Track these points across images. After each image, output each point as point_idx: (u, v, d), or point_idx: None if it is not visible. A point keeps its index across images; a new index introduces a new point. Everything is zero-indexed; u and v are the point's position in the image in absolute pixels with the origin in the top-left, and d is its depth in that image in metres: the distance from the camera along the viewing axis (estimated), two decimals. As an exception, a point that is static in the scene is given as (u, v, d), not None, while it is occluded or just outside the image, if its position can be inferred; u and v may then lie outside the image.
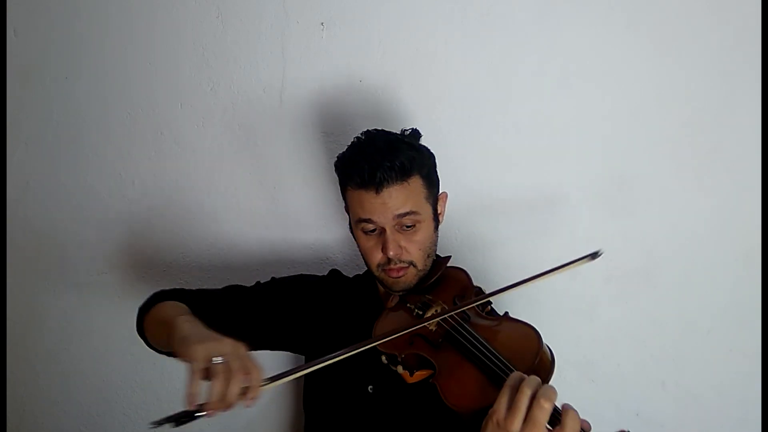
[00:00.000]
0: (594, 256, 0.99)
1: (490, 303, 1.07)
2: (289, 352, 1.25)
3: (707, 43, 1.25)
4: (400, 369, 1.00)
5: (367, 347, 0.93)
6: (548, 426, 0.79)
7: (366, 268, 1.13)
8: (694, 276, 1.32)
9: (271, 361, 1.44)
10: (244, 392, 0.79)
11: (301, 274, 1.25)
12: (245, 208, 1.47)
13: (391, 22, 1.34)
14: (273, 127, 1.43)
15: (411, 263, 1.06)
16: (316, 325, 1.16)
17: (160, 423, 0.76)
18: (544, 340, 0.94)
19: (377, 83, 1.36)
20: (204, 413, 0.76)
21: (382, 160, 1.00)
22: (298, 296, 1.18)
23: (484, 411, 0.84)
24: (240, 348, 0.83)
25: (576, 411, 0.80)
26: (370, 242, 1.06)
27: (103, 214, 1.53)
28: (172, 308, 1.04)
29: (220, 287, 1.21)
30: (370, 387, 1.09)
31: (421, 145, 1.11)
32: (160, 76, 1.45)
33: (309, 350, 1.20)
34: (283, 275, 1.25)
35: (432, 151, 1.12)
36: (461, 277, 1.11)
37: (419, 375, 0.99)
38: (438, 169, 1.12)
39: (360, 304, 1.16)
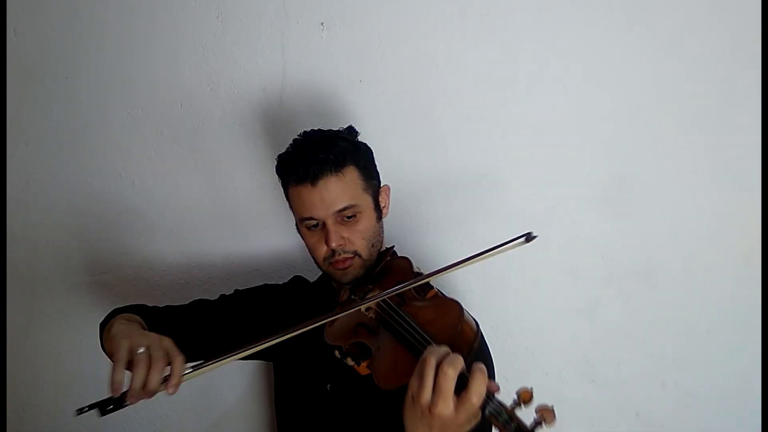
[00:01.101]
0: (528, 238, 0.96)
1: (431, 287, 1.06)
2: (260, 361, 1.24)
3: (707, 43, 1.25)
4: (349, 361, 1.01)
5: (305, 329, 0.95)
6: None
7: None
8: (694, 276, 1.32)
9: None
10: (166, 380, 0.84)
11: (264, 284, 1.28)
12: (245, 208, 1.47)
13: (391, 22, 1.34)
14: (273, 127, 1.42)
15: (355, 253, 1.08)
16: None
17: (82, 411, 0.80)
18: (469, 313, 0.93)
19: (377, 83, 1.36)
20: (127, 401, 0.81)
21: (316, 153, 1.04)
22: (262, 305, 1.21)
23: None
24: (164, 340, 0.88)
25: (484, 372, 0.76)
26: (314, 237, 1.09)
27: (103, 214, 1.52)
28: (122, 320, 1.05)
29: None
30: (328, 385, 1.11)
31: (357, 140, 1.14)
32: (160, 76, 1.45)
33: (277, 357, 1.21)
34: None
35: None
36: (404, 264, 1.12)
37: (366, 364, 1.00)
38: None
39: (320, 306, 1.16)
